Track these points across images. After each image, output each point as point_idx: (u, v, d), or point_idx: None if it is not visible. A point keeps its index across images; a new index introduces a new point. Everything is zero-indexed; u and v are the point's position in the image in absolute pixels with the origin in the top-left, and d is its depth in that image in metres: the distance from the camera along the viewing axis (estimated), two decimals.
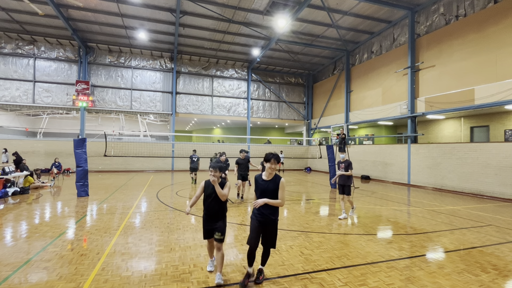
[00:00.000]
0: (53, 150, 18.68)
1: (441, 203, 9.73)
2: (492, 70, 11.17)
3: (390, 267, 4.24)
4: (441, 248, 5.14)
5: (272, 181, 3.56)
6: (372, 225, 6.73)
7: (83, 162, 10.13)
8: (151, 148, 20.37)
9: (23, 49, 18.72)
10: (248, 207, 8.62)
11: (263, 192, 3.56)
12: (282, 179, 3.56)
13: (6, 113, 23.78)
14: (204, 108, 22.66)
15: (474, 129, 17.15)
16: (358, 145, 20.15)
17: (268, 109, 24.85)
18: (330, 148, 13.41)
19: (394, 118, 16.22)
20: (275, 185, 3.53)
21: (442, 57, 13.25)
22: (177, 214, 7.54)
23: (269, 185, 3.55)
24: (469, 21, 12.21)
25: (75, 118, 26.41)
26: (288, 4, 14.41)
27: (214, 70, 22.96)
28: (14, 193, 10.04)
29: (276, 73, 25.10)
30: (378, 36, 17.63)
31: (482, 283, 3.76)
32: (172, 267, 4.11)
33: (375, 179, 17.01)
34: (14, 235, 5.53)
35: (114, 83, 20.49)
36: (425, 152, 13.83)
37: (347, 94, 20.18)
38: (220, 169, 3.68)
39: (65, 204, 8.62)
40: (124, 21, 16.43)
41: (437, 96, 13.38)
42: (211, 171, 3.62)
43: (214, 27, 17.23)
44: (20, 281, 3.63)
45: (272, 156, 3.56)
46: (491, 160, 11.00)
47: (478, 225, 6.81)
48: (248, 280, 3.61)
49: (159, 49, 20.58)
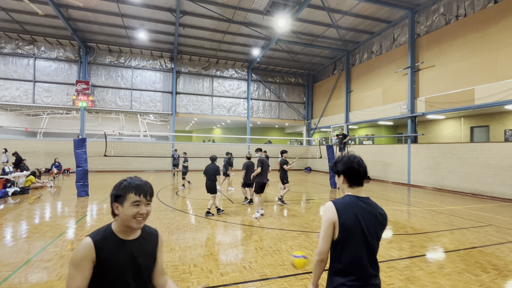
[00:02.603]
0: (53, 150, 18.67)
1: (441, 203, 9.73)
2: (492, 70, 11.16)
3: (390, 267, 4.23)
4: (441, 248, 5.14)
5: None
6: None
7: (83, 162, 10.13)
8: (151, 148, 20.36)
9: (23, 49, 18.72)
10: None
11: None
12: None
13: (6, 113, 23.76)
14: (204, 108, 22.66)
15: (474, 129, 17.15)
16: (358, 145, 20.15)
17: (268, 109, 24.84)
18: (330, 148, 13.41)
19: (394, 118, 16.22)
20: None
21: (442, 57, 13.25)
22: (177, 214, 7.54)
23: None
24: (469, 21, 12.20)
25: (75, 118, 26.37)
26: (288, 4, 14.41)
27: (214, 70, 22.96)
28: (14, 193, 10.04)
29: (276, 73, 25.09)
30: (378, 36, 17.63)
31: (482, 283, 3.76)
32: (172, 267, 4.11)
33: (375, 179, 17.01)
34: (14, 235, 5.53)
35: (114, 83, 20.48)
36: (425, 152, 13.83)
37: (347, 94, 20.18)
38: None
39: (65, 204, 8.62)
40: (124, 21, 16.42)
41: (437, 96, 13.37)
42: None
43: (214, 27, 17.23)
44: (20, 281, 3.63)
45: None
46: (491, 160, 11.00)
47: (478, 225, 6.81)
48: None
49: (159, 49, 20.58)
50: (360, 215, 1.63)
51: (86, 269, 1.25)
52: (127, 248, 1.37)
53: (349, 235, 1.61)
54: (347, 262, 1.60)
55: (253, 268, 4.14)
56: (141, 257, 1.41)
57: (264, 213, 7.52)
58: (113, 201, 1.37)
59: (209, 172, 7.44)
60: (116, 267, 1.31)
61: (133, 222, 1.36)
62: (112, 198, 1.37)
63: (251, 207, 8.56)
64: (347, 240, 1.61)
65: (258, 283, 3.69)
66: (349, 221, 1.61)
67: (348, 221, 1.61)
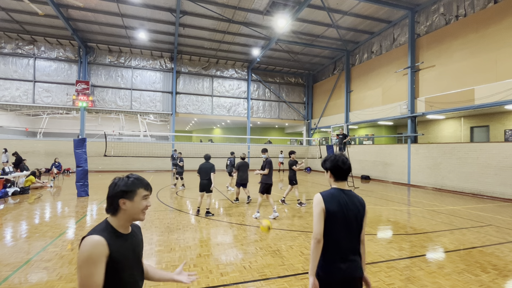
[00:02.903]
0: (53, 150, 18.67)
1: (441, 203, 9.73)
2: (492, 70, 11.16)
3: (390, 267, 4.24)
4: (441, 248, 5.14)
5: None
6: (372, 225, 6.73)
7: (83, 162, 10.13)
8: (151, 148, 20.36)
9: (23, 49, 18.72)
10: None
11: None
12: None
13: (6, 113, 23.78)
14: (204, 108, 22.66)
15: (474, 129, 17.15)
16: (358, 145, 20.15)
17: (268, 109, 24.85)
18: (330, 148, 13.41)
19: (394, 118, 16.22)
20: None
21: (442, 57, 13.25)
22: (177, 214, 7.54)
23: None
24: (469, 21, 12.20)
25: (75, 118, 26.40)
26: (288, 4, 14.41)
27: (214, 70, 22.96)
28: (14, 193, 10.04)
29: (276, 73, 25.09)
30: (378, 36, 17.63)
31: (482, 283, 3.76)
32: (172, 267, 4.11)
33: (375, 179, 17.01)
34: (14, 235, 5.53)
35: (114, 83, 20.48)
36: (425, 152, 13.83)
37: (347, 94, 20.18)
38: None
39: (65, 204, 8.62)
40: (124, 21, 16.42)
41: (437, 96, 13.37)
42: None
43: (214, 27, 17.23)
44: (20, 281, 3.63)
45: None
46: (491, 160, 11.00)
47: (478, 225, 6.81)
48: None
49: (159, 49, 20.58)
50: (342, 203, 1.98)
51: (103, 266, 1.31)
52: (129, 241, 1.48)
53: (333, 219, 1.95)
54: (331, 240, 1.94)
55: (253, 268, 4.14)
56: (137, 247, 1.55)
57: (278, 215, 7.25)
58: (120, 197, 1.42)
59: (204, 171, 7.40)
60: (124, 260, 1.40)
61: (141, 214, 1.48)
62: (119, 194, 1.42)
63: (251, 206, 8.55)
64: (332, 223, 1.95)
65: (258, 283, 3.69)
66: (333, 208, 1.96)
67: (332, 208, 1.96)
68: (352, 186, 13.82)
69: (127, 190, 1.43)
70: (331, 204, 1.96)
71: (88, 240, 1.31)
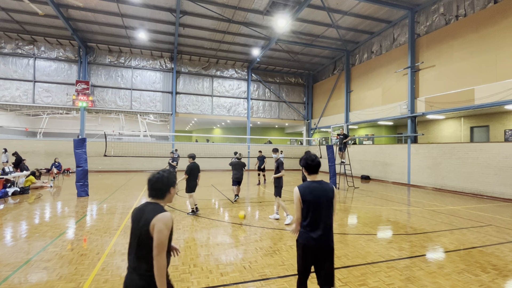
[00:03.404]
0: (53, 150, 18.67)
1: (441, 203, 9.73)
2: (492, 70, 11.16)
3: (390, 267, 4.24)
4: (441, 248, 5.14)
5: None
6: (372, 225, 6.73)
7: (83, 162, 10.13)
8: (151, 148, 20.36)
9: (23, 49, 18.72)
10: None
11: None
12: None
13: (6, 113, 23.77)
14: (204, 108, 22.66)
15: (474, 129, 17.15)
16: (358, 145, 20.15)
17: (268, 109, 24.84)
18: (330, 148, 13.40)
19: (394, 118, 16.22)
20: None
21: (442, 57, 13.25)
22: (177, 214, 7.54)
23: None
24: (469, 21, 12.20)
25: (75, 118, 26.41)
26: (288, 4, 14.41)
27: (214, 70, 22.95)
28: (14, 193, 10.04)
29: (276, 73, 25.09)
30: (378, 36, 17.63)
31: (482, 283, 3.77)
32: (172, 267, 4.11)
33: (375, 179, 17.01)
34: (14, 235, 5.53)
35: (114, 83, 20.48)
36: (425, 152, 13.83)
37: (347, 94, 20.18)
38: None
39: (65, 204, 8.62)
40: (124, 21, 16.42)
41: (437, 96, 13.37)
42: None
43: (214, 27, 17.22)
44: (20, 281, 3.63)
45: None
46: (491, 160, 11.00)
47: (478, 225, 6.81)
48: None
49: (159, 49, 20.58)
50: (315, 192, 2.62)
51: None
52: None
53: (308, 204, 2.60)
54: (308, 220, 2.61)
55: (253, 268, 4.14)
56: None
57: (279, 217, 7.10)
58: (172, 185, 2.05)
59: (195, 172, 7.32)
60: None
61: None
62: (172, 183, 2.06)
63: (252, 206, 8.55)
64: (307, 206, 2.61)
65: (258, 283, 3.69)
66: (308, 196, 2.61)
67: (307, 196, 2.61)
68: (352, 186, 13.82)
69: (175, 180, 2.10)
70: (306, 193, 2.60)
71: (168, 214, 1.89)
